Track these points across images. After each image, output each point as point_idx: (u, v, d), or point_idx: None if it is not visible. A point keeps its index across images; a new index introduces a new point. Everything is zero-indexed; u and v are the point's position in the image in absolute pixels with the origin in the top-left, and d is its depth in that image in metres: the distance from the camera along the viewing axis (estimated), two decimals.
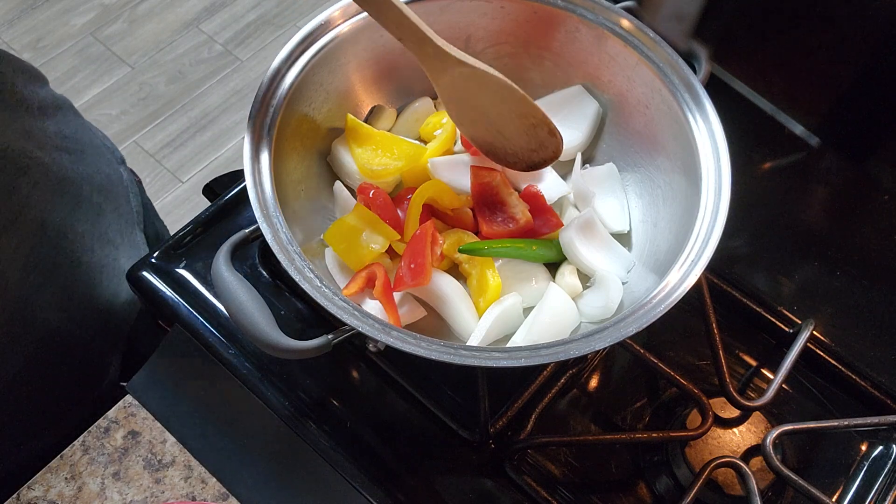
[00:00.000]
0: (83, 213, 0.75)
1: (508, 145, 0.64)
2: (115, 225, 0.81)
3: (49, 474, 0.64)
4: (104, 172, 0.81)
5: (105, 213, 0.79)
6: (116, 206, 0.82)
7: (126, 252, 0.82)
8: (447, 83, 0.60)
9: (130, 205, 0.86)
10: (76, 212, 0.74)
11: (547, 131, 0.62)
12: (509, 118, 0.62)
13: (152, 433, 0.66)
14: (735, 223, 0.57)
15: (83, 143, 0.78)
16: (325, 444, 0.64)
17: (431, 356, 0.51)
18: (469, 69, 0.59)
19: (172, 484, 0.64)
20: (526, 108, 0.61)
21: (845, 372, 0.70)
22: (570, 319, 0.61)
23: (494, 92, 0.60)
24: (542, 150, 0.64)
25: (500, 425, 0.65)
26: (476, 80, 0.59)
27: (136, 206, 0.88)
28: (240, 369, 0.67)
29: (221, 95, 2.00)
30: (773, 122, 0.76)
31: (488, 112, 0.62)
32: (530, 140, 0.63)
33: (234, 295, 0.55)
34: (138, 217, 0.88)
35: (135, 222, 0.87)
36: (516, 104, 0.61)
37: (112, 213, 0.81)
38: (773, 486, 0.64)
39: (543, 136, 0.63)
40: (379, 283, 0.59)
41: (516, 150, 0.64)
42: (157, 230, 0.97)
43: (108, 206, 0.80)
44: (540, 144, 0.63)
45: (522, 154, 0.64)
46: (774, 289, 0.74)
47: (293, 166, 0.63)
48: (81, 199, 0.75)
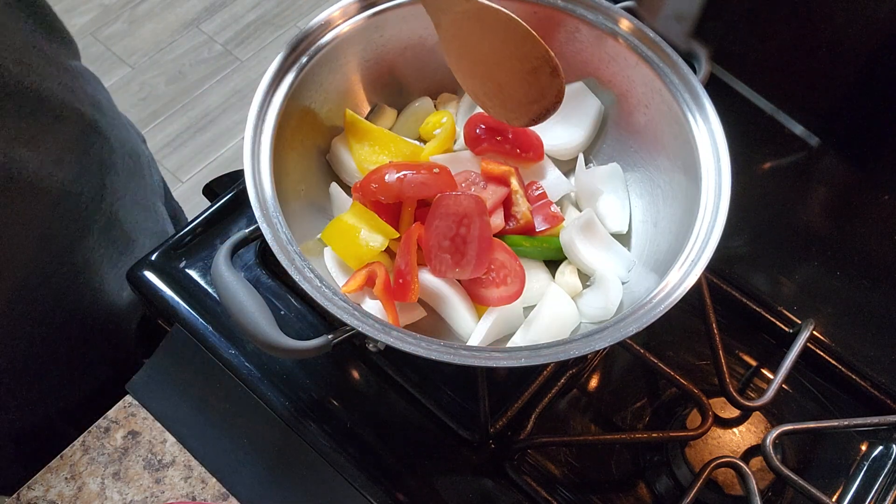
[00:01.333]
0: (117, 167, 0.78)
1: (508, 99, 0.62)
2: (142, 191, 0.84)
3: (49, 474, 0.64)
4: (132, 142, 0.85)
5: (136, 177, 0.83)
6: (142, 175, 0.86)
7: (153, 218, 0.86)
8: (449, 23, 0.58)
9: (153, 177, 0.90)
10: (111, 162, 0.77)
11: (549, 71, 0.59)
12: (510, 63, 0.59)
13: (152, 433, 0.66)
14: (735, 223, 0.57)
15: (113, 112, 0.82)
16: (325, 444, 0.64)
17: (431, 356, 0.51)
18: (472, 4, 0.57)
19: (172, 484, 0.64)
20: (529, 46, 0.58)
21: (845, 372, 0.70)
22: (570, 319, 0.61)
23: (497, 30, 0.58)
24: (542, 98, 0.61)
25: (500, 425, 0.65)
26: (479, 18, 0.57)
27: (159, 180, 0.92)
28: (240, 369, 0.67)
29: (221, 95, 2.00)
30: (773, 122, 0.76)
31: (488, 58, 0.60)
32: (530, 89, 0.60)
33: (234, 295, 0.55)
34: (160, 190, 0.91)
35: (158, 194, 0.90)
36: (519, 43, 0.58)
37: (140, 180, 0.84)
38: (773, 486, 0.64)
39: (544, 81, 0.60)
40: (379, 282, 0.59)
41: (516, 102, 0.62)
42: (175, 208, 1.00)
43: (137, 172, 0.84)
44: (540, 92, 0.60)
45: (522, 107, 0.62)
46: (774, 289, 0.74)
47: (293, 166, 0.63)
48: (116, 156, 0.78)
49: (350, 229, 0.61)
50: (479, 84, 0.62)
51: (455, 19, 0.58)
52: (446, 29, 0.59)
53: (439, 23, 0.58)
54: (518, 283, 0.60)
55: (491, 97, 0.62)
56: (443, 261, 0.59)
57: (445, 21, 0.58)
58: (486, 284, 0.60)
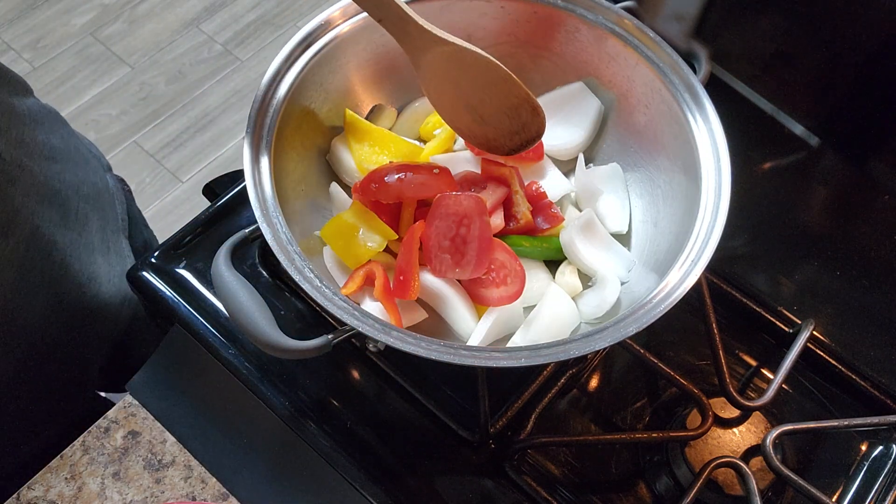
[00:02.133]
0: (70, 222, 0.75)
1: (489, 130, 0.63)
2: (100, 234, 0.81)
3: (49, 474, 0.64)
4: (90, 181, 0.81)
5: (91, 221, 0.79)
6: (102, 214, 0.82)
7: (111, 260, 0.82)
8: (428, 63, 0.59)
9: (116, 212, 0.86)
10: (64, 221, 0.74)
11: (530, 110, 0.61)
12: (490, 99, 0.61)
13: (152, 433, 0.66)
14: (735, 223, 0.57)
15: (70, 152, 0.78)
16: (325, 444, 0.64)
17: (431, 356, 0.51)
18: (451, 47, 0.58)
19: (172, 484, 0.64)
20: (508, 86, 0.60)
21: (845, 372, 0.70)
22: (570, 319, 0.61)
23: (476, 71, 0.59)
24: (523, 131, 0.62)
25: (500, 425, 0.65)
26: (458, 59, 0.58)
27: (122, 214, 0.88)
28: (240, 369, 0.67)
29: (221, 95, 2.00)
30: (773, 122, 0.76)
31: (469, 94, 0.61)
32: (512, 122, 0.62)
33: (234, 295, 0.55)
34: (123, 225, 0.88)
35: (120, 230, 0.87)
36: (499, 83, 0.60)
37: (98, 222, 0.81)
38: (773, 486, 0.64)
39: (526, 117, 0.61)
40: (378, 283, 0.59)
41: (497, 134, 0.63)
42: (146, 239, 0.97)
43: (94, 216, 0.80)
44: (522, 126, 0.62)
45: (503, 138, 0.63)
46: (774, 289, 0.74)
47: (293, 166, 0.63)
48: (69, 208, 0.75)
49: (349, 228, 0.61)
50: (460, 118, 0.63)
51: (434, 59, 0.59)
52: (426, 68, 0.59)
53: (418, 63, 0.59)
54: (518, 283, 0.60)
55: (472, 130, 0.63)
56: (443, 261, 0.59)
57: (425, 61, 0.59)
58: (486, 284, 0.60)
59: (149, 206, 1.81)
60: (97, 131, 1.92)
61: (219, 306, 0.69)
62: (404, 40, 0.58)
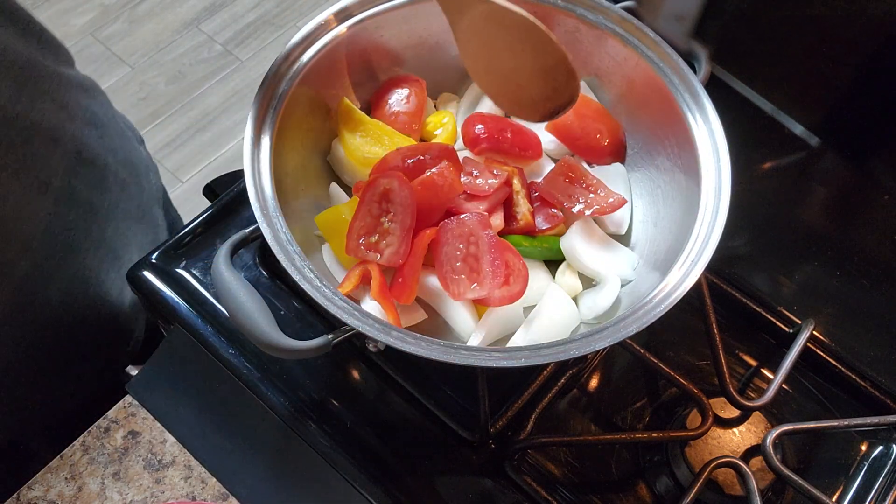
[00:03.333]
0: (109, 185, 0.77)
1: (523, 94, 0.62)
2: (136, 201, 0.84)
3: (49, 474, 0.64)
4: (127, 150, 0.84)
5: (128, 187, 0.82)
6: (138, 181, 0.85)
7: (146, 228, 0.85)
8: (466, 25, 0.58)
9: (151, 183, 0.89)
10: (102, 184, 0.76)
11: (565, 73, 0.59)
12: (525, 62, 0.59)
13: (152, 433, 0.66)
14: (735, 223, 0.57)
15: (109, 120, 0.81)
16: (325, 444, 0.64)
17: (431, 356, 0.51)
18: (490, 6, 0.57)
19: (172, 484, 0.64)
20: (546, 48, 0.58)
21: (845, 372, 0.70)
22: (570, 319, 0.61)
23: (514, 31, 0.58)
24: (556, 96, 0.61)
25: (500, 425, 0.65)
26: (496, 18, 0.58)
27: (157, 184, 0.91)
28: (240, 369, 0.67)
29: (221, 95, 2.00)
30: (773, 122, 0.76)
31: (504, 57, 0.60)
32: (545, 86, 0.60)
33: (234, 295, 0.55)
34: (158, 195, 0.91)
35: (155, 200, 0.89)
36: (536, 44, 0.58)
37: (135, 188, 0.84)
38: (773, 486, 0.64)
39: (560, 81, 0.59)
40: (375, 283, 0.59)
41: (530, 100, 0.62)
42: (174, 218, 1.00)
43: (131, 182, 0.83)
44: (555, 90, 0.60)
45: (536, 104, 0.62)
46: (774, 289, 0.74)
47: (293, 166, 0.63)
48: (107, 173, 0.77)
49: (346, 224, 0.61)
50: (494, 81, 0.62)
51: (472, 19, 0.58)
52: (464, 29, 0.59)
53: (456, 23, 0.58)
54: (521, 283, 0.60)
55: (506, 94, 0.62)
56: (459, 283, 0.59)
57: (462, 21, 0.58)
58: None
59: None
60: None
61: (219, 306, 0.69)
62: (444, 2, 0.57)
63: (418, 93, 0.68)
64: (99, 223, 0.76)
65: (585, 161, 0.69)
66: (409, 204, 0.59)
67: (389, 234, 0.59)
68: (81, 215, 0.73)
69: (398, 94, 0.68)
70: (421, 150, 0.63)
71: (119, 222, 0.79)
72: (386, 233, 0.59)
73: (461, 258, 0.59)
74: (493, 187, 0.63)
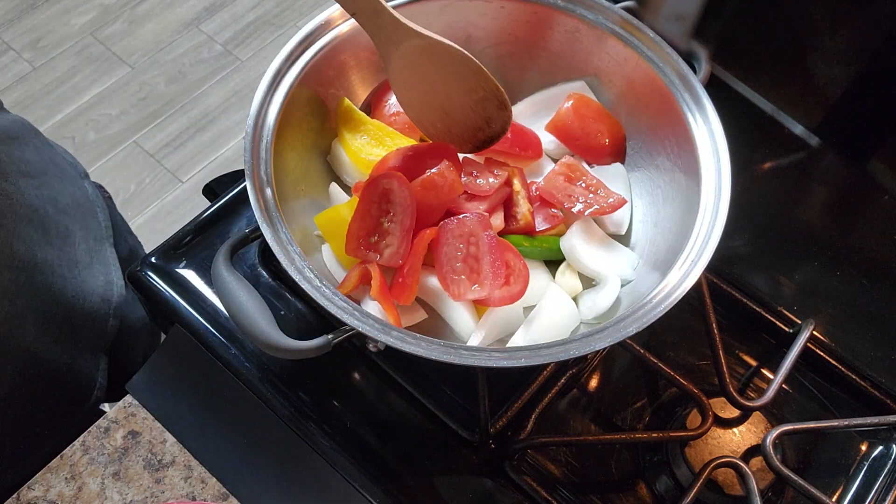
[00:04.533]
0: (51, 238, 0.74)
1: (454, 126, 0.63)
2: (83, 245, 0.80)
3: (49, 474, 0.64)
4: (68, 192, 0.80)
5: (72, 234, 0.78)
6: (84, 224, 0.81)
7: (95, 272, 0.81)
8: (399, 57, 0.59)
9: (98, 220, 0.85)
10: (45, 238, 0.73)
11: (496, 104, 0.61)
12: (458, 94, 0.61)
13: (152, 433, 0.66)
14: (735, 223, 0.57)
15: (45, 164, 0.77)
16: (325, 444, 0.64)
17: (431, 356, 0.51)
18: (424, 40, 0.58)
19: (172, 484, 0.64)
20: (478, 80, 0.60)
21: (845, 372, 0.70)
22: (570, 319, 0.61)
23: (447, 64, 0.59)
24: (488, 127, 0.63)
25: (500, 425, 0.65)
26: (430, 51, 0.59)
27: (105, 221, 0.86)
28: (240, 369, 0.67)
29: (221, 95, 2.00)
30: (773, 122, 0.76)
31: (437, 90, 0.61)
32: (477, 117, 0.63)
33: (234, 295, 0.55)
34: (107, 233, 0.86)
35: (104, 238, 0.85)
36: (469, 76, 0.60)
37: (80, 233, 0.79)
38: (773, 486, 0.64)
39: (491, 111, 0.62)
40: (375, 283, 0.59)
41: (462, 131, 0.64)
42: (131, 247, 0.95)
43: (76, 227, 0.79)
44: (487, 121, 0.63)
45: (468, 134, 0.64)
46: (774, 289, 0.74)
47: (293, 166, 0.63)
48: (48, 224, 0.74)
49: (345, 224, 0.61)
50: (426, 113, 0.63)
51: (406, 52, 0.59)
52: (396, 62, 0.60)
53: (388, 56, 0.59)
54: (521, 283, 0.60)
55: (436, 125, 0.64)
56: (460, 284, 0.59)
57: (396, 55, 0.59)
58: None
59: (149, 207, 1.81)
60: (97, 131, 1.92)
61: (219, 306, 0.69)
62: (377, 34, 0.58)
63: None
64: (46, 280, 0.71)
65: (585, 161, 0.69)
66: (408, 204, 0.59)
67: (389, 234, 0.59)
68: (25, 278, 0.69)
69: None
70: (421, 150, 0.63)
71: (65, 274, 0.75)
72: (386, 233, 0.59)
73: (461, 259, 0.59)
74: (493, 187, 0.63)
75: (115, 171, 1.85)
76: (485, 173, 0.64)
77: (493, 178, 0.64)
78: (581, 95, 0.68)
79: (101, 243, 0.84)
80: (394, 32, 0.58)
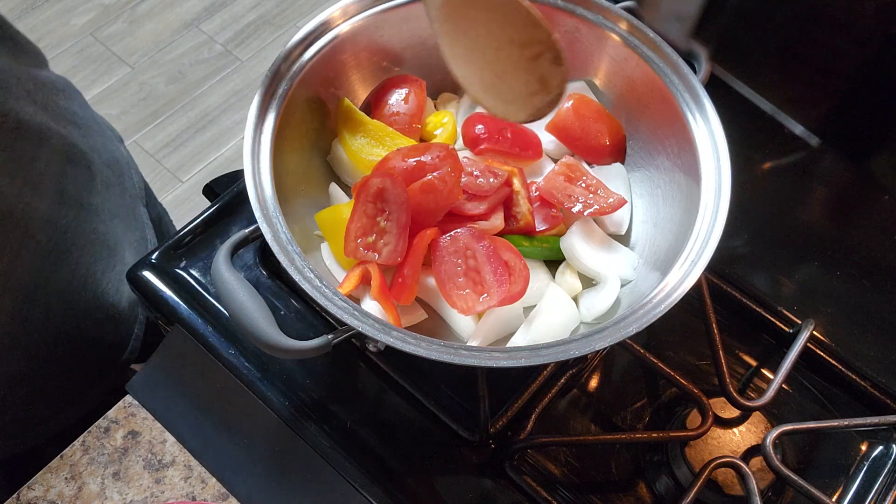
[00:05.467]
0: (96, 185, 0.77)
1: (506, 90, 0.56)
2: (120, 199, 0.84)
3: (49, 474, 0.64)
4: (108, 148, 0.83)
5: (113, 186, 0.82)
6: (121, 181, 0.85)
7: (132, 226, 0.85)
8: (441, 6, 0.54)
9: (133, 180, 0.89)
10: (91, 184, 0.76)
11: (551, 59, 0.53)
12: (508, 49, 0.54)
13: (152, 433, 0.66)
14: (735, 223, 0.57)
15: (89, 120, 0.81)
16: (325, 444, 0.64)
17: (431, 356, 0.51)
18: None
19: (172, 484, 0.64)
20: (529, 29, 0.53)
21: (845, 372, 0.70)
22: (570, 319, 0.61)
23: (494, 12, 0.53)
24: (543, 89, 0.54)
25: (500, 425, 0.65)
26: None
27: (139, 183, 0.91)
28: (240, 369, 0.67)
29: (221, 95, 2.00)
30: (773, 122, 0.76)
31: (485, 45, 0.55)
32: (530, 78, 0.54)
33: (234, 295, 0.55)
34: (141, 193, 0.90)
35: (138, 197, 0.89)
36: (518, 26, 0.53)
37: (119, 188, 0.83)
38: (773, 486, 0.64)
39: (546, 69, 0.53)
40: (375, 283, 0.59)
41: (515, 95, 0.56)
42: (160, 213, 1.00)
43: (115, 181, 0.83)
44: (541, 82, 0.54)
45: (522, 100, 0.56)
46: (774, 289, 0.74)
47: (293, 166, 0.63)
48: (94, 171, 0.77)
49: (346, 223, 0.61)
50: (476, 74, 0.56)
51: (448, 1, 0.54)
52: (440, 11, 0.54)
53: (432, 4, 0.54)
54: (522, 283, 0.60)
55: (488, 90, 0.57)
56: (466, 298, 0.59)
57: (438, 3, 0.54)
58: None
59: None
60: None
61: (219, 306, 0.69)
62: None
63: (418, 93, 0.68)
64: (91, 222, 0.76)
65: (585, 161, 0.69)
66: (403, 201, 0.59)
67: (386, 232, 0.59)
68: (73, 216, 0.73)
69: (398, 94, 0.68)
70: (421, 150, 0.63)
71: (108, 221, 0.79)
72: (383, 232, 0.59)
73: (462, 273, 0.59)
74: (493, 187, 0.63)
75: None
76: (485, 173, 0.64)
77: (493, 178, 0.64)
78: (581, 96, 0.68)
79: (136, 202, 0.89)
80: None
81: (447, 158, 0.62)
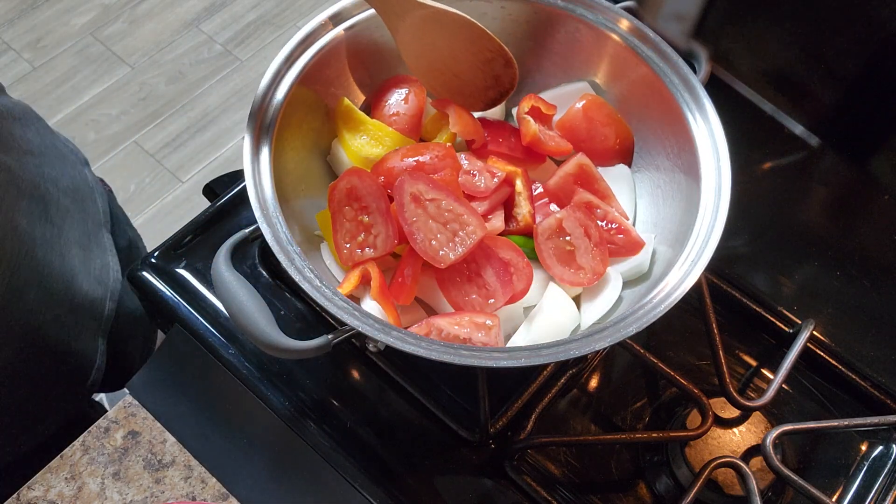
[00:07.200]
0: (51, 216, 0.75)
1: (464, 86, 0.67)
2: (80, 227, 0.81)
3: (49, 474, 0.64)
4: (68, 175, 0.81)
5: (71, 215, 0.79)
6: (82, 207, 0.82)
7: (92, 254, 0.82)
8: (407, 28, 0.61)
9: (97, 206, 0.86)
10: (45, 215, 0.74)
11: (503, 63, 0.65)
12: (465, 56, 0.64)
13: (152, 433, 0.66)
14: (735, 223, 0.57)
15: (46, 146, 0.78)
16: (325, 444, 0.64)
17: (431, 356, 0.51)
18: (428, 10, 0.61)
19: (172, 484, 0.64)
20: (483, 42, 0.64)
21: (845, 372, 0.70)
22: (570, 319, 0.61)
23: (452, 30, 0.62)
24: (497, 84, 0.67)
25: (500, 425, 0.65)
26: (434, 20, 0.61)
27: (103, 207, 0.87)
28: (240, 369, 0.67)
29: (221, 95, 2.00)
30: (773, 122, 0.76)
31: (444, 54, 0.64)
32: (485, 76, 0.66)
33: (234, 295, 0.55)
34: (105, 218, 0.87)
35: (101, 224, 0.86)
36: (475, 40, 0.63)
37: (79, 215, 0.81)
38: (773, 486, 0.64)
39: (499, 69, 0.65)
40: (374, 283, 0.59)
41: (473, 89, 0.67)
42: (131, 238, 0.96)
43: (75, 209, 0.80)
44: (495, 79, 0.66)
45: (479, 93, 0.67)
46: (774, 289, 0.74)
47: (293, 166, 0.63)
48: (49, 202, 0.75)
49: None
50: (438, 77, 0.66)
51: (412, 23, 0.61)
52: (403, 33, 0.63)
53: (396, 28, 0.62)
54: (524, 281, 0.60)
55: (449, 87, 0.67)
56: (474, 304, 0.59)
57: (402, 26, 0.62)
58: None
59: (149, 206, 1.81)
60: (97, 131, 1.92)
61: (219, 306, 0.69)
62: (383, 9, 0.61)
63: (418, 93, 0.68)
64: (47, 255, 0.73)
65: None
66: (375, 189, 0.60)
67: (373, 225, 0.60)
68: (27, 251, 0.70)
69: (398, 94, 0.68)
70: (420, 150, 0.63)
71: (65, 252, 0.76)
72: (369, 226, 0.60)
73: (466, 280, 0.60)
74: (490, 188, 0.63)
75: (115, 171, 1.85)
76: (483, 174, 0.64)
77: (492, 178, 0.63)
78: (594, 97, 0.68)
79: (99, 228, 0.86)
80: (398, 6, 0.61)
81: (446, 158, 0.62)
